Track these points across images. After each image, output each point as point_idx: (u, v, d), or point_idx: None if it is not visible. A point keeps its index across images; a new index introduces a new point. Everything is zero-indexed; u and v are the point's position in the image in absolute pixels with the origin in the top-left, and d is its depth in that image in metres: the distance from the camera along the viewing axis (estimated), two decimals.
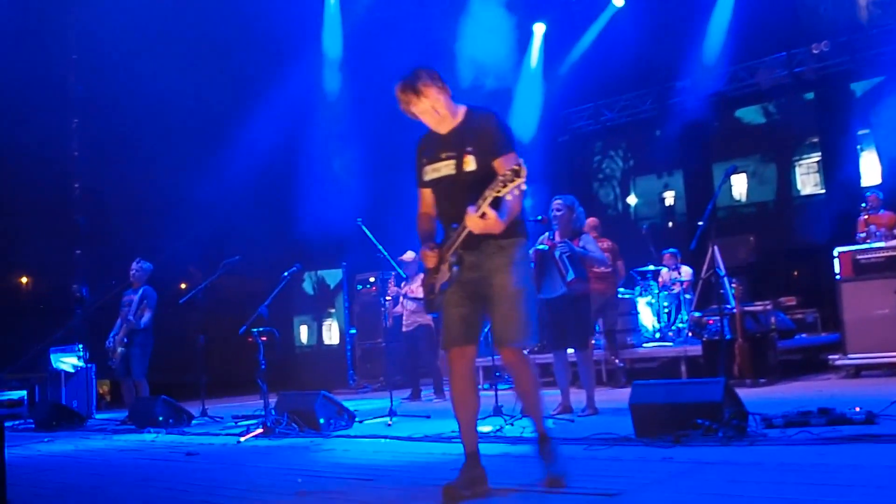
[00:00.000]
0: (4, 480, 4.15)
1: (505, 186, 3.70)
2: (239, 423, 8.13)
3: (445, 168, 4.14)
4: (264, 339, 7.47)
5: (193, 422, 8.76)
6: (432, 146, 4.23)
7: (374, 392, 12.14)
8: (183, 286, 14.70)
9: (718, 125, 15.15)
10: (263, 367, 7.39)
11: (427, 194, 4.33)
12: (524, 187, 3.70)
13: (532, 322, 4.08)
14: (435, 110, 4.10)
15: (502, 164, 3.97)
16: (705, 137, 15.04)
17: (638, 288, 11.41)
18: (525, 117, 14.79)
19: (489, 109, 4.25)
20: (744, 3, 13.52)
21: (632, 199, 16.64)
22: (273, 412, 7.27)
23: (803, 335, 10.76)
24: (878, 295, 8.43)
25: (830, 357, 8.90)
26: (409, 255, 10.07)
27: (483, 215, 3.80)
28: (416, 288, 9.99)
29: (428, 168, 4.22)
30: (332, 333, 13.35)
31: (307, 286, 13.43)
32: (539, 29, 15.35)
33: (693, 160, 15.17)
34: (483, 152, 4.06)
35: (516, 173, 3.68)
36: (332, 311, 13.32)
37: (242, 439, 6.93)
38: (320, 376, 12.74)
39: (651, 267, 11.66)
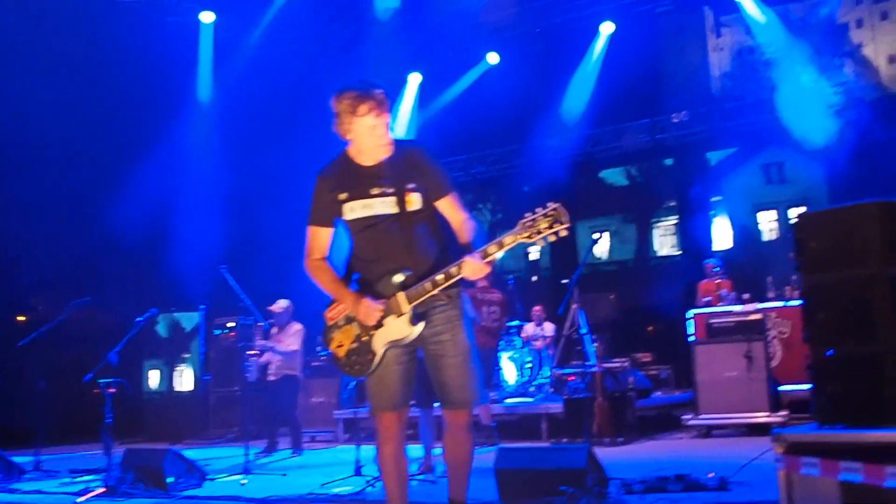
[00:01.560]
0: None
1: (539, 232, 3.39)
2: (77, 480, 7.51)
3: (382, 206, 3.62)
4: (112, 390, 7.01)
5: (25, 476, 7.98)
6: (352, 179, 3.68)
7: (227, 442, 11.66)
8: (21, 319, 13.78)
9: (584, 184, 15.61)
10: (109, 420, 6.92)
11: (325, 235, 3.76)
12: (565, 233, 3.40)
13: (482, 379, 3.75)
14: (388, 129, 3.63)
15: (451, 205, 3.69)
16: (571, 195, 15.41)
17: (501, 342, 11.45)
18: None
19: (417, 142, 3.90)
20: (611, 69, 14.05)
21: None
22: (117, 469, 6.79)
23: (658, 393, 11.07)
24: (729, 357, 8.73)
25: (684, 417, 9.15)
26: (280, 304, 9.76)
27: (489, 263, 3.47)
28: (288, 340, 9.68)
29: (354, 204, 3.65)
30: (184, 379, 12.75)
31: (161, 329, 12.81)
32: (414, 79, 15.44)
33: None
34: (426, 190, 3.67)
35: (556, 218, 3.38)
36: (187, 356, 12.74)
37: (81, 500, 6.39)
38: (171, 424, 12.13)
39: (515, 322, 11.75)
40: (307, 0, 13.60)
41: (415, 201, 3.64)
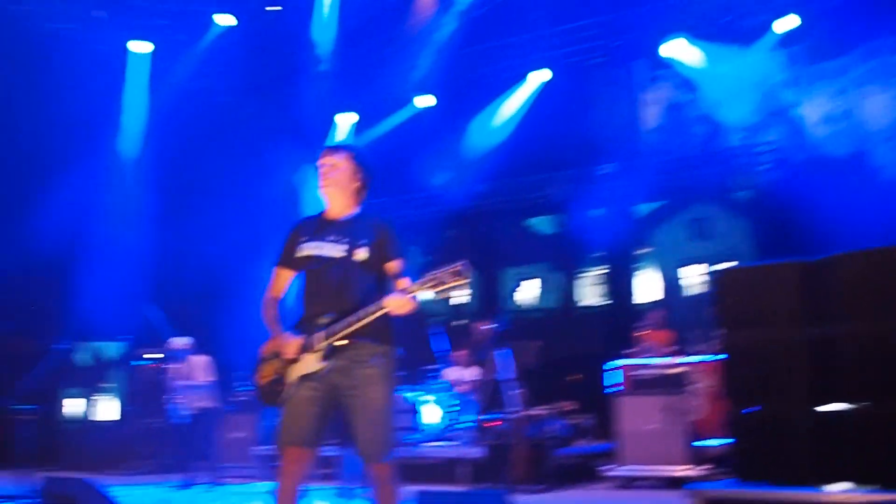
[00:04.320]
0: None
1: (444, 283, 3.68)
2: None
3: (332, 250, 4.05)
4: (27, 416, 6.88)
5: None
6: (318, 227, 4.17)
7: (145, 475, 11.34)
8: None
9: (511, 231, 15.77)
10: (26, 446, 6.76)
11: (284, 277, 4.22)
12: (462, 290, 3.69)
13: (395, 434, 4.03)
14: (348, 177, 4.16)
15: (396, 269, 4.06)
16: (498, 241, 15.60)
17: (425, 386, 11.43)
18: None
19: (386, 218, 4.32)
20: (541, 118, 14.24)
21: (423, 296, 16.80)
22: (31, 497, 6.60)
23: (580, 442, 11.13)
24: (650, 410, 8.90)
25: (603, 467, 9.25)
26: (179, 342, 9.70)
27: (412, 298, 3.77)
28: (197, 373, 9.60)
29: (309, 245, 4.11)
30: (104, 409, 12.41)
31: (82, 358, 12.49)
32: (346, 119, 15.44)
33: (485, 262, 15.64)
34: (377, 251, 4.06)
35: (459, 273, 3.68)
36: (108, 385, 12.41)
37: None
38: (89, 454, 11.79)
39: (440, 366, 11.75)
40: (240, 35, 13.58)
41: (362, 254, 4.04)
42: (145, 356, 12.12)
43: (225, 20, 13.32)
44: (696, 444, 8.75)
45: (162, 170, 13.28)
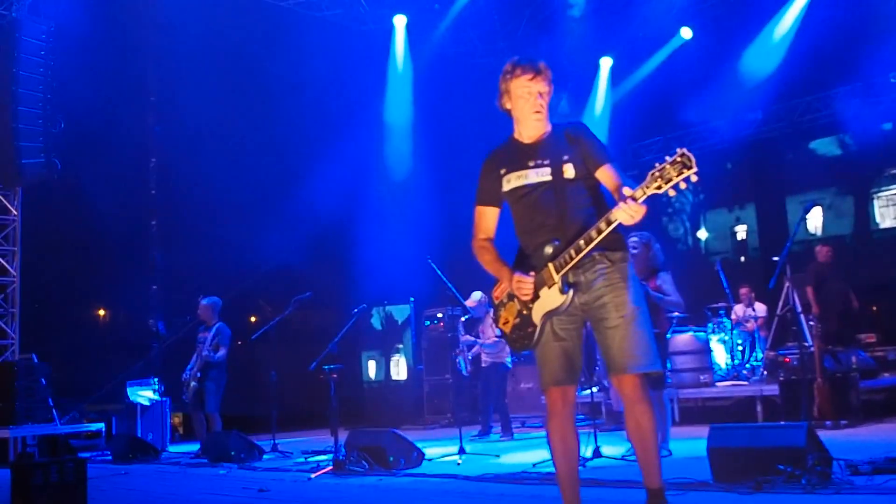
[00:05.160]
0: None
1: (671, 178, 3.26)
2: (309, 459, 8.20)
3: (536, 175, 3.69)
4: (335, 375, 7.56)
5: (264, 457, 8.81)
6: (512, 157, 3.80)
7: (442, 428, 12.08)
8: (253, 319, 15.02)
9: (792, 157, 14.84)
10: (334, 403, 7.46)
11: (490, 215, 3.87)
12: (695, 178, 3.26)
13: (653, 345, 3.62)
14: (545, 96, 3.73)
15: (608, 174, 3.63)
16: (778, 169, 14.76)
17: (710, 325, 11.13)
18: None
19: (576, 121, 3.92)
20: (812, 32, 13.14)
21: (702, 234, 16.36)
22: (343, 449, 7.30)
23: (887, 374, 10.35)
24: None
25: None
26: (474, 298, 10.04)
27: (641, 204, 3.31)
28: (489, 331, 9.92)
29: (511, 176, 3.75)
30: (399, 369, 13.35)
31: (375, 321, 13.49)
32: (606, 63, 15.25)
33: (765, 193, 14.89)
34: (582, 161, 3.67)
35: (684, 164, 3.25)
36: (400, 346, 13.31)
37: (313, 476, 6.96)
38: (389, 411, 12.70)
39: (724, 304, 11.39)
40: None
41: (569, 170, 3.66)
42: (436, 315, 12.81)
43: None
44: None
45: (430, 133, 13.90)
